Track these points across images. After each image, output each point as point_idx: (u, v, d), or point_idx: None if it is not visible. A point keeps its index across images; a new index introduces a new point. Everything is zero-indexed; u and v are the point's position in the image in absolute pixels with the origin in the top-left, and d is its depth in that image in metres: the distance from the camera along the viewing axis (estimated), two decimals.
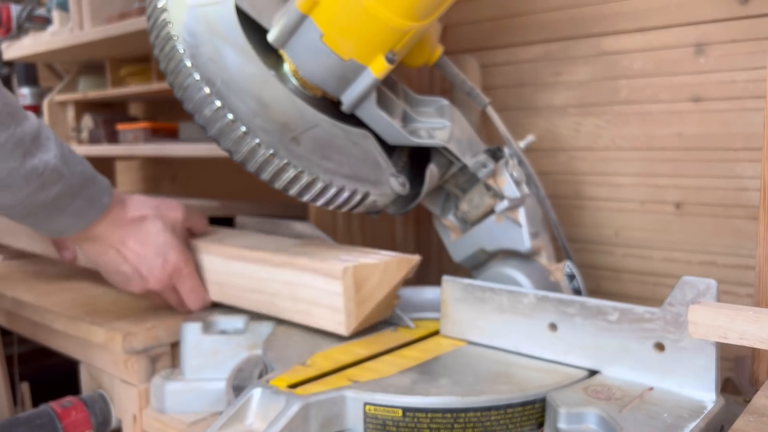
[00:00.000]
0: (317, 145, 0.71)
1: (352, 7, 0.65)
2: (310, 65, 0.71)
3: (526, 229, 0.78)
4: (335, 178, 0.71)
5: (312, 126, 0.71)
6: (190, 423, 0.72)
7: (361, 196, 0.72)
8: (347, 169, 0.72)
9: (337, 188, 0.70)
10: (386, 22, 0.66)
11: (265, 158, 0.68)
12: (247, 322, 0.78)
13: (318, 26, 0.67)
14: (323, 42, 0.68)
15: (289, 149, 0.69)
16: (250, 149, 0.68)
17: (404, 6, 0.65)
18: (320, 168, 0.70)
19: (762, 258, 0.60)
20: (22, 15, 1.35)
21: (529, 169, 0.82)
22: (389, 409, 0.54)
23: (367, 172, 0.73)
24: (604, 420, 0.51)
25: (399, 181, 0.74)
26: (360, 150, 0.73)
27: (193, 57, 0.68)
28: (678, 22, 0.88)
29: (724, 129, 0.86)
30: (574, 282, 0.77)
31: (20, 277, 1.09)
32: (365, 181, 0.73)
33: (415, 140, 0.76)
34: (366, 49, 0.69)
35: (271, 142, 0.68)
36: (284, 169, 0.69)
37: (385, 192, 0.74)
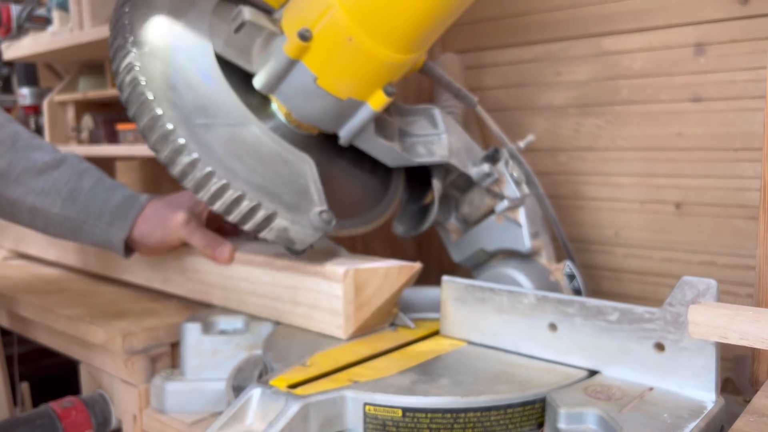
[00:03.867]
0: (234, 143, 0.64)
1: (348, 48, 0.62)
2: (305, 108, 0.68)
3: (526, 229, 0.78)
4: (237, 181, 0.63)
5: (238, 123, 0.66)
6: (190, 423, 0.72)
7: (265, 212, 0.63)
8: (258, 179, 0.64)
9: (238, 192, 0.62)
10: (384, 60, 0.64)
11: (163, 132, 0.62)
12: (246, 322, 0.78)
13: (311, 70, 0.64)
14: (318, 85, 0.65)
15: (194, 132, 0.62)
16: (150, 116, 0.62)
17: (402, 42, 0.63)
18: (223, 165, 0.63)
19: (762, 258, 0.60)
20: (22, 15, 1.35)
21: (527, 168, 0.82)
22: (389, 409, 0.54)
23: (286, 193, 0.65)
24: (604, 420, 0.51)
25: (324, 218, 0.65)
26: (290, 170, 0.67)
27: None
28: (678, 22, 0.88)
29: (724, 129, 0.86)
30: (574, 282, 0.77)
31: (20, 277, 1.09)
32: (277, 201, 0.64)
33: (417, 160, 0.75)
34: (364, 87, 0.66)
35: (175, 117, 0.62)
36: (180, 150, 0.62)
37: (302, 223, 0.65)
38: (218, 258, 0.79)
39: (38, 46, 1.30)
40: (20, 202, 0.81)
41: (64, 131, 1.46)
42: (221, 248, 0.79)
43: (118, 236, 0.81)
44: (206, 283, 0.84)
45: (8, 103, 1.64)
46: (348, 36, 0.61)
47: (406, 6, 0.60)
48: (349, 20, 0.61)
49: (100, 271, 1.03)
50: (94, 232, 0.82)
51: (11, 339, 1.16)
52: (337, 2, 0.61)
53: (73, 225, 0.82)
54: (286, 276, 0.74)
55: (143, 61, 0.63)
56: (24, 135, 0.84)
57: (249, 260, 0.79)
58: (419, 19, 0.61)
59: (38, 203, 0.81)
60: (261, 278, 0.77)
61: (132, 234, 0.82)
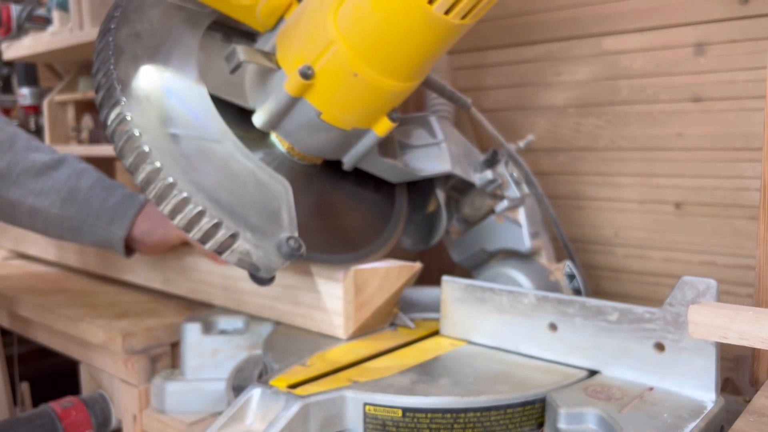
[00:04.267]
0: (204, 157, 0.61)
1: (354, 83, 0.61)
2: (308, 141, 0.67)
3: (526, 229, 0.78)
4: (199, 196, 0.59)
5: (212, 138, 0.62)
6: (190, 423, 0.72)
7: (226, 232, 0.59)
8: (224, 196, 0.60)
9: (198, 208, 0.58)
10: (390, 90, 0.62)
11: (128, 136, 0.59)
12: (247, 322, 0.78)
13: (314, 106, 0.63)
14: (322, 119, 0.63)
15: (160, 141, 0.59)
16: (119, 119, 0.59)
17: (407, 72, 0.62)
18: (188, 177, 0.59)
19: (762, 258, 0.60)
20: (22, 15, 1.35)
21: (525, 168, 0.81)
22: (389, 409, 0.54)
23: (252, 214, 0.61)
24: (604, 420, 0.51)
25: (291, 245, 0.61)
26: (262, 192, 0.63)
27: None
28: (678, 22, 0.88)
29: (724, 129, 0.86)
30: (574, 282, 0.77)
31: (20, 277, 1.09)
32: (242, 221, 0.60)
33: (421, 174, 0.74)
34: (369, 117, 0.65)
35: (143, 124, 0.59)
36: (144, 158, 0.59)
37: (266, 247, 0.61)
38: (218, 258, 0.79)
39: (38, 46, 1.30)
40: (20, 203, 0.81)
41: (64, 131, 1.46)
42: None
43: (117, 235, 0.81)
44: (206, 283, 0.84)
45: (8, 103, 1.64)
46: (353, 72, 0.60)
47: (413, 39, 0.58)
48: (354, 56, 0.59)
49: (100, 271, 1.03)
50: (94, 231, 0.82)
51: (11, 339, 1.16)
52: (339, 38, 0.59)
53: (72, 225, 0.82)
54: (287, 276, 0.74)
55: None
56: (22, 137, 0.84)
57: None
58: (424, 49, 0.60)
59: (38, 204, 0.81)
60: None
61: (132, 232, 0.82)
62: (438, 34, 0.58)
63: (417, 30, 0.57)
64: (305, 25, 0.62)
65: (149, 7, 0.66)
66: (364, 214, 0.77)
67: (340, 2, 0.58)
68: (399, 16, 0.56)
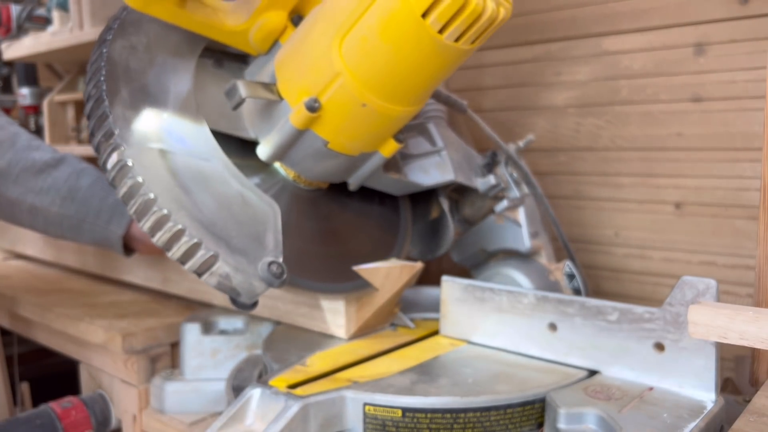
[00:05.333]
0: (189, 174, 0.59)
1: (362, 112, 0.60)
2: (315, 169, 0.66)
3: (525, 228, 0.78)
4: (180, 213, 0.56)
5: (201, 156, 0.60)
6: (190, 423, 0.72)
7: (206, 252, 0.56)
8: (207, 216, 0.58)
9: (178, 226, 0.56)
10: (397, 115, 0.62)
11: (111, 147, 0.57)
12: (246, 322, 0.78)
13: (321, 136, 0.62)
14: (329, 148, 0.63)
15: (144, 156, 0.57)
16: (105, 135, 0.58)
17: (415, 96, 0.61)
18: (170, 194, 0.57)
19: (762, 258, 0.60)
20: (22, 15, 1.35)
21: (524, 168, 0.81)
22: (389, 409, 0.54)
23: (235, 236, 0.58)
24: (604, 420, 0.51)
25: (272, 271, 0.58)
26: (248, 214, 0.61)
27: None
28: (678, 22, 0.88)
29: (724, 129, 0.86)
30: (574, 281, 0.77)
31: (20, 277, 1.09)
32: (224, 243, 0.57)
33: (425, 185, 0.74)
34: (376, 141, 0.65)
35: (127, 138, 0.57)
36: (125, 172, 0.57)
37: (246, 271, 0.58)
38: None
39: (38, 46, 1.30)
40: (20, 201, 0.82)
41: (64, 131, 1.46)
42: None
43: (116, 233, 0.81)
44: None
45: (8, 103, 1.64)
46: (362, 102, 0.59)
47: (421, 66, 0.58)
48: (361, 87, 0.58)
49: (100, 271, 1.03)
50: (93, 230, 0.82)
51: (11, 339, 1.16)
52: (346, 70, 0.58)
53: (72, 223, 0.82)
54: None
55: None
56: (23, 136, 0.84)
57: None
58: (432, 75, 0.60)
59: (37, 202, 0.81)
60: None
61: (131, 231, 0.81)
62: (447, 59, 0.58)
63: (426, 58, 0.57)
64: (307, 55, 0.60)
65: (147, 22, 0.65)
66: (372, 232, 0.77)
67: (344, 33, 0.57)
68: (408, 45, 0.56)
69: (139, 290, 0.96)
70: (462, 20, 0.54)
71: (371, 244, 0.76)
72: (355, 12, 0.56)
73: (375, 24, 0.55)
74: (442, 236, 0.80)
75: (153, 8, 0.59)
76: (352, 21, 0.57)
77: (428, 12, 0.54)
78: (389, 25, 0.55)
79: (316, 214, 0.72)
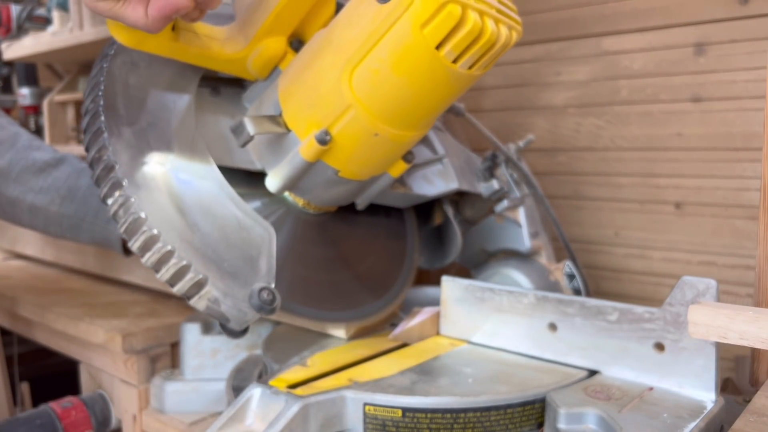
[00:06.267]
0: (182, 192, 0.58)
1: (373, 141, 0.59)
2: (325, 196, 0.66)
3: (525, 229, 0.78)
4: (170, 234, 0.55)
5: (197, 175, 0.59)
6: (190, 423, 0.72)
7: (194, 276, 0.55)
8: (198, 238, 0.56)
9: (167, 248, 0.54)
10: (408, 141, 0.61)
11: (107, 164, 0.56)
12: None
13: (332, 166, 0.61)
14: (340, 177, 0.62)
15: (136, 173, 0.56)
16: (99, 146, 0.57)
17: (426, 121, 0.61)
18: (161, 214, 0.55)
19: (762, 258, 0.60)
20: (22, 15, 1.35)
21: (524, 169, 0.81)
22: (389, 409, 0.54)
23: (227, 259, 0.57)
24: (604, 420, 0.51)
25: (263, 298, 0.56)
26: (242, 238, 0.59)
27: None
28: (678, 22, 0.88)
29: (724, 129, 0.86)
30: (574, 281, 0.77)
31: (20, 277, 1.09)
32: (214, 267, 0.56)
33: (430, 195, 0.74)
34: (386, 165, 0.65)
35: (120, 151, 0.57)
36: (117, 186, 0.55)
37: (237, 296, 0.56)
38: None
39: (38, 46, 1.30)
40: (20, 201, 0.82)
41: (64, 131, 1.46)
42: None
43: (115, 233, 0.81)
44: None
45: (8, 103, 1.64)
46: (374, 132, 0.58)
47: (434, 96, 0.57)
48: (373, 118, 0.57)
49: (99, 271, 1.03)
50: (92, 229, 0.82)
51: (11, 339, 1.16)
52: (357, 102, 0.57)
53: (72, 223, 0.82)
54: None
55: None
56: (24, 136, 0.84)
57: None
58: (445, 101, 0.59)
59: (37, 202, 0.81)
60: None
61: None
62: (460, 86, 0.57)
63: (439, 87, 0.56)
64: (315, 87, 0.59)
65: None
66: (381, 248, 0.77)
67: (354, 66, 0.56)
68: (422, 77, 0.54)
69: (139, 290, 0.96)
70: (477, 49, 0.53)
71: (382, 263, 0.75)
72: (366, 44, 0.55)
73: (387, 56, 0.54)
74: (448, 243, 0.80)
75: (147, 45, 0.57)
76: (363, 53, 0.55)
77: (442, 44, 0.52)
78: (402, 57, 0.53)
79: (324, 239, 0.71)
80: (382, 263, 0.76)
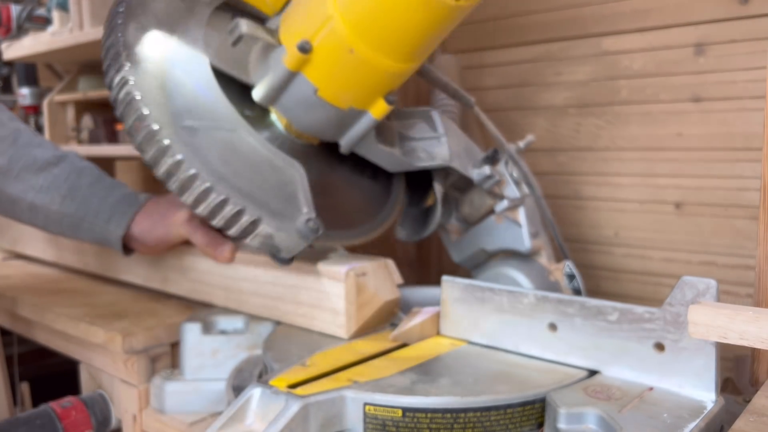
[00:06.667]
0: (221, 147, 0.64)
1: (349, 60, 0.61)
2: (305, 119, 0.68)
3: (525, 229, 0.78)
4: (221, 185, 0.62)
5: (226, 127, 0.65)
6: (190, 423, 0.72)
7: (249, 218, 0.62)
8: (244, 184, 0.63)
9: (222, 196, 0.61)
10: (386, 70, 0.62)
11: (148, 131, 0.61)
12: (246, 322, 0.78)
13: (311, 82, 0.63)
14: (319, 96, 0.64)
15: (181, 134, 0.62)
16: (136, 115, 0.62)
17: (404, 52, 0.62)
18: (208, 167, 0.62)
19: (762, 258, 0.60)
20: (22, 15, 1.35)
21: (525, 169, 0.81)
22: (389, 409, 0.54)
23: (273, 200, 0.64)
24: (604, 420, 0.51)
25: (310, 226, 0.64)
26: (277, 177, 0.65)
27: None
28: (678, 22, 0.88)
29: (724, 129, 0.86)
30: (574, 282, 0.77)
31: (20, 277, 1.09)
32: (263, 207, 0.63)
33: (418, 164, 0.74)
34: (366, 97, 0.66)
35: (160, 118, 0.62)
36: (164, 151, 0.61)
37: (287, 230, 0.64)
38: (219, 257, 0.79)
39: (38, 46, 1.30)
40: (20, 199, 0.82)
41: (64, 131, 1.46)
42: (222, 247, 0.79)
43: (115, 233, 0.81)
44: (206, 283, 0.84)
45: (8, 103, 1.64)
46: (349, 48, 0.60)
47: (409, 18, 0.59)
48: (350, 32, 0.60)
49: (100, 271, 1.03)
50: (92, 229, 0.82)
51: (11, 339, 1.16)
52: (337, 14, 0.59)
53: (72, 222, 0.82)
54: (288, 276, 0.74)
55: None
56: (25, 133, 0.84)
57: (251, 260, 0.79)
58: (421, 29, 0.60)
59: (38, 200, 0.81)
60: (262, 278, 0.77)
61: (131, 231, 0.81)
62: (434, 14, 0.58)
63: (413, 8, 0.58)
64: (306, 2, 0.63)
65: (152, 1, 0.68)
66: (359, 197, 0.78)
67: None
68: None
69: (139, 290, 0.96)
70: None
71: (356, 206, 0.78)
72: None
73: None
74: (430, 219, 0.81)
75: None
76: None
77: None
78: None
79: (307, 168, 0.72)
80: (356, 205, 0.78)
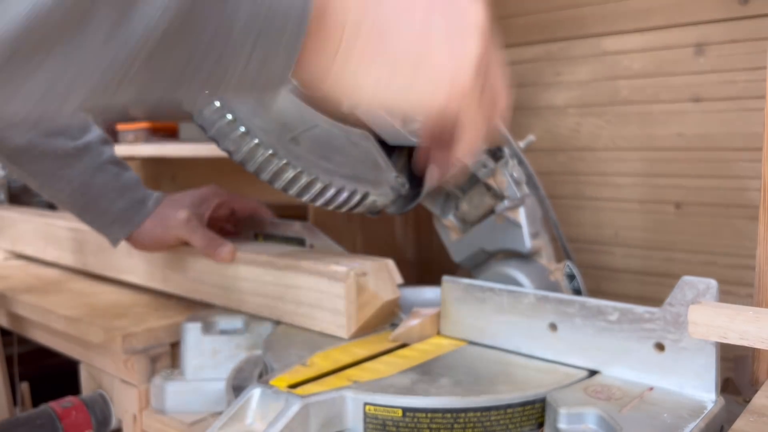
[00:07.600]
0: (316, 145, 0.71)
1: None
2: None
3: (526, 229, 0.78)
4: (334, 179, 0.71)
5: (311, 126, 0.71)
6: (190, 423, 0.72)
7: (360, 196, 0.72)
8: (347, 170, 0.72)
9: (337, 188, 0.70)
10: None
11: (265, 158, 0.69)
12: (246, 322, 0.78)
13: None
14: None
15: (289, 149, 0.69)
16: (250, 149, 0.68)
17: None
18: (319, 168, 0.70)
19: (762, 258, 0.60)
20: None
21: (529, 169, 0.81)
22: (389, 409, 0.54)
23: (366, 172, 0.73)
24: (604, 420, 0.51)
25: (399, 182, 0.74)
26: (359, 150, 0.73)
27: None
28: (678, 22, 0.88)
29: (724, 129, 0.86)
30: (574, 282, 0.77)
31: (20, 277, 1.09)
32: (364, 182, 0.72)
33: (416, 140, 0.75)
34: None
35: (271, 142, 0.69)
36: (284, 170, 0.69)
37: (385, 192, 0.74)
38: (218, 258, 0.80)
39: None
40: (32, 179, 0.83)
41: None
42: (221, 248, 0.79)
43: (115, 237, 0.83)
44: (206, 283, 0.84)
45: None
46: None
47: None
48: None
49: (99, 271, 1.03)
50: (94, 223, 0.84)
51: (11, 339, 1.16)
52: None
53: (76, 212, 0.84)
54: (288, 276, 0.74)
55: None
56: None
57: (251, 260, 0.79)
58: None
59: (49, 184, 0.83)
60: (263, 278, 0.77)
61: (131, 237, 0.82)
62: None
63: None
64: None
65: None
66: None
67: None
68: None
69: (139, 290, 0.96)
70: None
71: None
72: None
73: None
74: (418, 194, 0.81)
75: None
76: None
77: None
78: None
79: None
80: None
